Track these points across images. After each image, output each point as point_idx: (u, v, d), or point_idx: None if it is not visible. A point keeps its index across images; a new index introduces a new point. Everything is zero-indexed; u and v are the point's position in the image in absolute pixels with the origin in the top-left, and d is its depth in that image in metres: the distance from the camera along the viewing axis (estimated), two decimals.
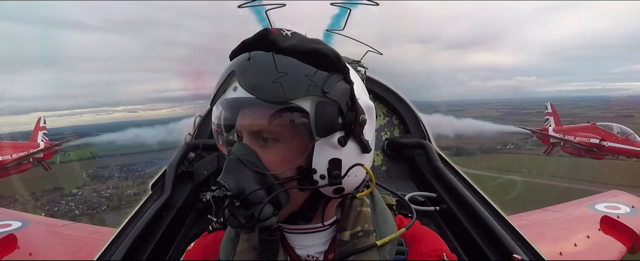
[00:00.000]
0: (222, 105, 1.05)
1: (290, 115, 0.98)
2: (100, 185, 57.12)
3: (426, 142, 3.21)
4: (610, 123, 35.82)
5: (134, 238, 2.13)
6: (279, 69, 0.96)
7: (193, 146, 3.16)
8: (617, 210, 6.18)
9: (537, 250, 1.96)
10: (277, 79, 0.95)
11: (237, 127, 1.04)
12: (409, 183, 3.18)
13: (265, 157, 1.00)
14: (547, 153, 43.94)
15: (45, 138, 39.77)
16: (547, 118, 42.57)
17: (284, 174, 1.00)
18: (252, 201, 0.95)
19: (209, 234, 1.27)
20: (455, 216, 2.44)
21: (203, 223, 2.80)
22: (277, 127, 0.99)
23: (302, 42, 1.01)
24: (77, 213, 48.04)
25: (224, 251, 1.11)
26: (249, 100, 0.97)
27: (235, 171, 0.98)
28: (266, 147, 1.01)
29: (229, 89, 1.01)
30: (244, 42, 1.05)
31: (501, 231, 2.08)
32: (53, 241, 5.38)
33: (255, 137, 1.01)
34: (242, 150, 1.01)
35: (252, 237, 1.09)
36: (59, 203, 50.83)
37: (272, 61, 0.97)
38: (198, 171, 2.99)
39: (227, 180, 0.96)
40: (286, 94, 0.95)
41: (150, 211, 2.40)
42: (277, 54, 0.98)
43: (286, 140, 1.00)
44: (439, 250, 1.14)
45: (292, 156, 1.00)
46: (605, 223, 5.67)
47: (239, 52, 1.04)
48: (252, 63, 1.00)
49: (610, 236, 5.47)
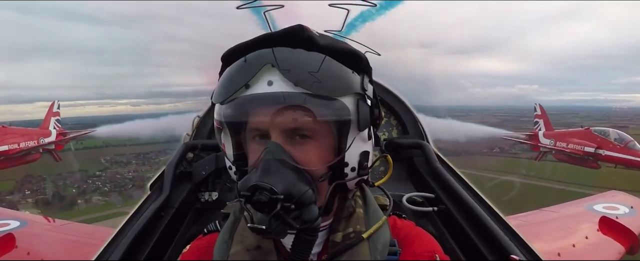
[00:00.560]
0: (248, 101, 0.99)
1: (337, 111, 0.99)
2: (121, 168, 60.84)
3: (424, 142, 3.21)
4: (606, 129, 32.44)
5: (132, 238, 2.13)
6: (324, 66, 0.99)
7: (191, 146, 3.16)
8: (616, 210, 6.19)
9: (535, 251, 1.96)
10: (326, 76, 0.98)
11: (267, 123, 0.99)
12: (407, 184, 3.18)
13: (299, 155, 0.98)
14: (538, 159, 40.33)
15: (57, 125, 36.49)
16: (536, 122, 39.11)
17: (318, 171, 1.00)
18: (305, 203, 0.93)
19: (204, 236, 1.27)
20: (453, 217, 2.44)
21: (201, 223, 2.80)
22: (316, 124, 0.99)
23: (335, 42, 1.04)
24: (106, 190, 52.44)
25: (218, 253, 1.11)
26: (293, 95, 0.96)
27: (278, 172, 0.93)
28: (299, 144, 0.99)
29: (259, 84, 0.97)
30: (269, 35, 1.02)
31: (499, 231, 2.07)
32: (51, 240, 5.37)
33: (288, 134, 0.98)
34: (277, 149, 0.97)
35: (245, 239, 1.09)
36: (86, 182, 55.27)
37: (317, 57, 0.99)
38: (196, 171, 2.99)
39: (273, 183, 0.90)
40: (335, 91, 0.99)
41: (149, 211, 2.39)
42: (314, 51, 1.00)
43: (318, 137, 1.00)
44: (432, 251, 1.15)
45: (324, 152, 1.01)
46: (603, 224, 5.68)
47: (259, 46, 1.01)
48: (295, 57, 0.99)
49: (608, 237, 5.47)
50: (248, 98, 0.98)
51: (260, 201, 0.88)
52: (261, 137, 1.01)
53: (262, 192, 0.88)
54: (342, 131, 1.01)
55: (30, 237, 5.26)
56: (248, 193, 0.90)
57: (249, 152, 1.04)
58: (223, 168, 3.02)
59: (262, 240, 1.09)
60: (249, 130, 1.03)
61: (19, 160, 33.35)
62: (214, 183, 3.06)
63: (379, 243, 1.08)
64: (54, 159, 37.35)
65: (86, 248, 4.74)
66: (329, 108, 0.98)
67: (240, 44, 1.05)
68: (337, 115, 0.99)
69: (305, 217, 0.93)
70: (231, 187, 3.18)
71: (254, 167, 0.97)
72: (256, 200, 0.88)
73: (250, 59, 1.00)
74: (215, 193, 3.03)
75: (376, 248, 1.07)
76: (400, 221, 1.25)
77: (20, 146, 31.70)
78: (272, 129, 0.98)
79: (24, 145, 32.18)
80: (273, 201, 0.88)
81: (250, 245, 1.08)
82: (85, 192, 52.75)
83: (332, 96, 0.98)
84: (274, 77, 0.96)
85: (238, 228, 1.13)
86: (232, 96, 0.99)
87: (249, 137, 1.03)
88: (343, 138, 1.01)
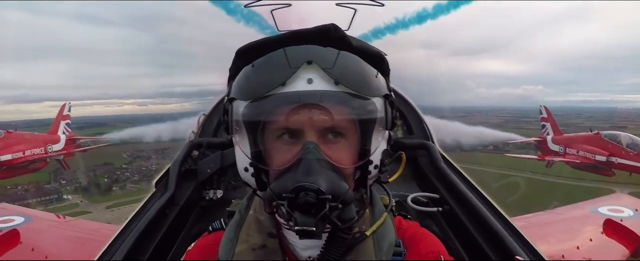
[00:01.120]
0: (287, 99, 0.96)
1: (371, 111, 1.00)
2: (144, 162, 63.44)
3: (429, 143, 3.20)
4: (617, 133, 29.99)
5: (137, 235, 2.14)
6: (362, 67, 1.01)
7: (197, 144, 3.17)
8: (621, 213, 6.15)
9: (539, 252, 1.96)
10: (363, 76, 1.00)
11: (304, 122, 0.97)
12: (412, 184, 3.18)
13: (333, 154, 0.97)
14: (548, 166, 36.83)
15: (67, 130, 33.48)
16: (543, 125, 36.38)
17: (349, 169, 1.01)
18: (348, 202, 0.93)
19: (209, 234, 1.27)
20: (457, 217, 2.43)
21: (206, 221, 2.81)
22: (351, 123, 0.99)
23: (364, 43, 1.05)
24: (136, 179, 56.06)
25: (223, 252, 1.11)
26: (335, 94, 0.96)
27: (320, 172, 0.92)
28: (332, 143, 0.98)
29: (297, 81, 0.96)
30: (302, 32, 1.02)
31: (504, 232, 2.07)
32: (56, 237, 5.40)
33: (321, 132, 0.97)
34: (316, 148, 0.95)
35: (250, 238, 1.09)
36: (115, 174, 59.85)
37: (354, 58, 1.01)
38: (201, 169, 3.00)
39: (319, 183, 0.88)
40: (372, 91, 1.00)
41: (154, 209, 2.40)
42: (345, 51, 1.00)
43: (349, 135, 1.00)
44: (436, 252, 1.14)
45: (353, 151, 1.01)
46: (608, 226, 5.65)
47: (290, 43, 1.00)
48: (335, 56, 0.98)
49: (613, 240, 5.44)
50: (286, 96, 0.95)
51: (309, 203, 0.86)
52: (290, 135, 0.98)
53: (308, 193, 0.86)
54: (372, 130, 1.01)
55: (35, 233, 5.28)
56: (292, 194, 0.88)
57: (273, 151, 1.00)
58: (228, 167, 3.03)
59: (268, 239, 1.09)
60: (274, 128, 0.99)
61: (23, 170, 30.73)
62: (218, 181, 3.07)
63: (384, 243, 1.07)
64: (62, 167, 35.23)
65: (91, 244, 4.76)
66: (365, 108, 0.98)
67: (266, 39, 1.04)
68: (371, 115, 0.99)
69: (346, 216, 0.94)
70: (236, 185, 3.19)
71: (288, 168, 0.95)
72: (304, 202, 0.86)
73: (285, 55, 0.98)
74: (220, 191, 3.04)
75: (381, 248, 1.06)
76: (406, 222, 1.25)
77: (25, 155, 29.10)
78: (308, 128, 0.96)
79: (30, 152, 29.48)
80: (321, 202, 0.87)
81: (256, 244, 1.08)
82: (117, 180, 57.41)
83: (369, 96, 0.99)
84: (313, 75, 0.95)
85: (243, 227, 1.13)
86: (270, 93, 0.96)
87: (273, 135, 1.00)
88: (371, 137, 1.02)
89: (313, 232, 0.87)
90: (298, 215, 0.88)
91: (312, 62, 0.96)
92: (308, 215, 0.87)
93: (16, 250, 4.78)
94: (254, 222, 1.13)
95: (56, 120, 33.60)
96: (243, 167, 1.05)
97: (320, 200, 0.86)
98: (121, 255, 1.98)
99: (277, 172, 0.97)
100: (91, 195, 51.60)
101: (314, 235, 0.88)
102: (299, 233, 0.88)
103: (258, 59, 1.01)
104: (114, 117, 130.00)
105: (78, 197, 51.10)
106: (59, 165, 34.35)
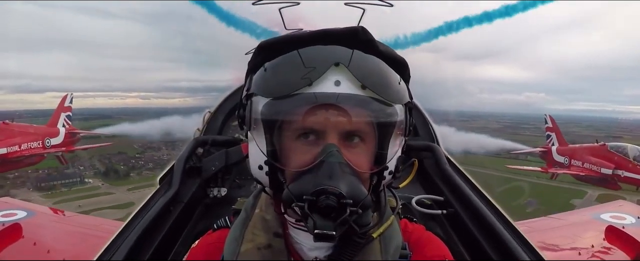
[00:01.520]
0: (313, 99, 0.94)
1: (394, 117, 1.00)
2: (155, 152, 65.77)
3: (435, 145, 3.20)
4: (624, 145, 28.68)
5: (141, 232, 2.14)
6: (389, 72, 1.01)
7: (202, 141, 3.18)
8: (623, 220, 6.13)
9: (542, 256, 1.96)
10: (390, 81, 1.00)
11: (327, 124, 0.96)
12: (416, 186, 3.18)
13: (353, 158, 0.97)
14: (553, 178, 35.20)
15: (67, 123, 31.91)
16: (548, 135, 35.34)
17: (367, 174, 1.01)
18: (367, 206, 0.93)
19: (214, 232, 1.27)
20: (461, 220, 2.43)
21: (210, 218, 2.81)
22: (372, 127, 0.99)
23: (389, 48, 1.05)
24: (150, 167, 58.34)
25: (228, 251, 1.10)
26: (362, 98, 0.95)
27: (342, 176, 0.91)
28: (352, 147, 0.98)
29: (325, 82, 0.94)
30: (330, 32, 1.00)
31: (507, 236, 2.07)
32: (58, 232, 5.40)
33: (343, 135, 0.97)
34: (338, 152, 0.94)
35: (256, 237, 1.09)
36: (130, 162, 63.52)
37: (381, 63, 1.01)
38: (206, 166, 3.00)
39: (341, 187, 0.88)
40: (396, 98, 1.00)
41: (158, 205, 2.41)
42: (371, 55, 1.00)
43: (368, 140, 1.00)
44: (442, 256, 1.16)
45: (371, 156, 1.01)
46: (610, 233, 5.63)
47: (317, 42, 1.00)
48: (364, 59, 0.98)
49: (614, 246, 5.43)
50: (313, 96, 0.94)
51: (330, 206, 0.86)
52: (309, 135, 0.97)
53: (329, 196, 0.86)
54: (391, 136, 1.02)
55: (37, 228, 5.27)
56: (313, 197, 0.87)
57: (291, 151, 0.99)
58: (232, 165, 3.04)
59: (273, 239, 1.09)
60: (294, 128, 0.98)
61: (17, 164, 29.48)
62: (223, 179, 3.08)
63: (390, 246, 1.08)
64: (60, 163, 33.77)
65: (94, 240, 4.75)
66: (388, 114, 0.99)
67: (291, 36, 1.03)
68: (394, 121, 1.00)
69: (363, 221, 0.95)
70: (240, 184, 3.19)
71: (310, 169, 0.94)
72: (325, 205, 0.85)
73: (313, 54, 0.97)
74: (224, 189, 3.04)
75: (388, 250, 1.07)
76: (412, 225, 1.26)
77: (21, 148, 27.71)
78: (330, 130, 0.95)
79: (26, 146, 27.98)
80: (342, 206, 0.86)
81: (261, 244, 1.08)
82: (134, 167, 61.34)
83: (393, 102, 0.99)
84: (341, 77, 0.95)
85: (249, 226, 1.13)
86: (297, 92, 0.94)
87: (292, 135, 0.99)
88: (389, 143, 1.02)
89: (332, 236, 0.86)
90: (317, 218, 0.87)
91: (340, 64, 0.95)
92: (328, 218, 0.86)
93: (18, 243, 4.78)
94: (259, 221, 1.13)
95: (56, 112, 32.22)
96: (257, 164, 1.04)
97: (341, 204, 0.86)
98: (125, 251, 1.99)
99: (295, 173, 0.96)
100: (110, 180, 54.73)
101: (331, 239, 0.87)
102: (316, 236, 0.87)
103: (283, 56, 1.00)
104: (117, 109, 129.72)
105: (99, 181, 53.87)
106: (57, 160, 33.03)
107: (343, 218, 0.87)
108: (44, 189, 48.84)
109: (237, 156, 2.97)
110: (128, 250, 2.01)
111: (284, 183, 0.98)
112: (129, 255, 1.99)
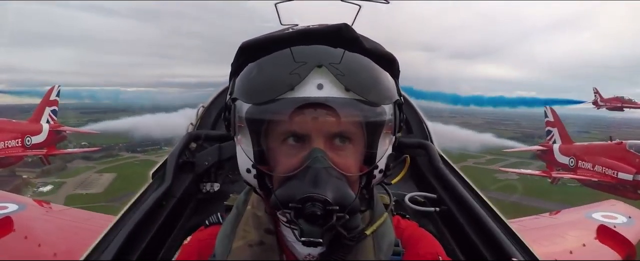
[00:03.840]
0: (295, 105, 0.92)
1: (381, 117, 0.97)
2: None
3: (428, 142, 3.20)
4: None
5: (133, 226, 2.13)
6: (374, 72, 0.98)
7: (195, 136, 3.16)
8: (614, 219, 6.21)
9: (535, 254, 1.97)
10: (375, 82, 0.97)
11: (312, 129, 0.93)
12: (410, 184, 3.18)
13: (340, 160, 0.95)
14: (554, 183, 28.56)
15: (53, 118, 27.94)
16: (549, 131, 29.57)
17: (355, 176, 0.99)
18: (355, 211, 0.92)
19: (206, 229, 1.26)
20: (454, 218, 2.43)
21: (202, 214, 2.80)
22: (360, 129, 0.97)
23: (376, 44, 1.02)
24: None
25: (220, 247, 1.10)
26: (346, 102, 0.92)
27: (328, 182, 0.89)
28: (339, 149, 0.96)
29: (307, 87, 0.92)
30: (311, 31, 0.97)
31: (500, 234, 2.07)
32: (49, 225, 5.37)
33: (329, 138, 0.95)
34: (324, 156, 0.92)
35: (248, 234, 1.08)
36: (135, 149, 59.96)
37: (366, 62, 0.98)
38: (199, 161, 2.98)
39: (326, 194, 0.86)
40: (383, 98, 0.97)
41: (150, 200, 2.39)
42: (356, 53, 0.97)
43: (356, 141, 0.98)
44: (435, 253, 1.15)
45: (360, 156, 0.99)
46: (601, 232, 5.69)
47: (299, 42, 0.96)
48: (347, 60, 0.94)
49: (605, 245, 5.49)
50: (295, 103, 0.91)
51: (315, 214, 0.84)
52: (296, 139, 0.95)
53: (315, 204, 0.85)
54: (379, 136, 0.99)
55: (28, 221, 5.24)
56: (299, 205, 0.86)
57: (277, 155, 0.97)
58: (226, 160, 3.02)
59: (265, 236, 1.08)
60: (279, 132, 0.96)
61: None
62: (216, 175, 3.06)
63: (383, 243, 1.07)
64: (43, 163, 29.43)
65: (85, 233, 4.72)
66: (376, 114, 0.96)
67: (272, 36, 1.00)
68: (380, 121, 0.97)
69: (352, 225, 0.94)
70: (233, 179, 3.18)
71: (295, 174, 0.92)
72: (311, 213, 0.84)
73: (294, 57, 0.94)
74: (217, 184, 3.03)
75: (381, 248, 1.06)
76: (404, 222, 1.26)
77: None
78: (315, 134, 0.93)
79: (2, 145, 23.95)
80: (329, 214, 0.85)
81: (253, 241, 1.07)
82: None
83: (380, 103, 0.96)
84: (323, 80, 0.92)
85: (241, 223, 1.12)
86: (277, 98, 0.92)
87: (278, 139, 0.97)
88: (379, 143, 1.00)
89: (320, 243, 0.86)
90: (304, 225, 0.86)
91: (323, 66, 0.92)
92: (314, 225, 0.85)
93: (9, 237, 4.75)
94: (251, 218, 1.12)
95: (40, 106, 28.13)
96: (245, 168, 1.02)
97: (328, 211, 0.85)
98: (117, 244, 1.97)
99: (282, 178, 0.95)
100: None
101: (319, 245, 0.87)
102: (305, 243, 0.87)
103: (264, 58, 0.97)
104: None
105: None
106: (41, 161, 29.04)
107: (330, 224, 0.86)
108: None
109: (231, 151, 2.95)
110: (121, 243, 1.99)
111: (272, 189, 0.97)
112: (122, 248, 1.97)
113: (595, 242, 5.56)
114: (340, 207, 0.87)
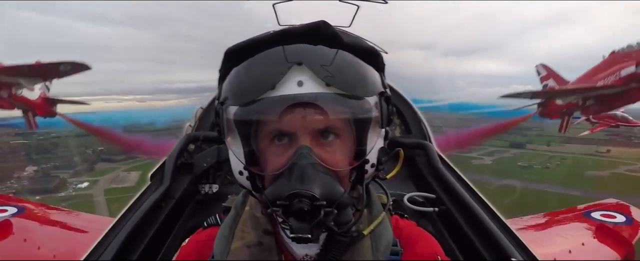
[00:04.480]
0: (277, 104, 0.93)
1: (366, 110, 0.98)
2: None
3: (427, 142, 3.21)
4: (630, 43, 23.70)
5: (132, 227, 2.13)
6: (354, 66, 0.99)
7: (193, 138, 3.16)
8: (613, 218, 6.19)
9: (533, 254, 1.97)
10: (356, 75, 0.97)
11: (296, 126, 0.95)
12: (409, 184, 3.18)
13: (328, 156, 0.96)
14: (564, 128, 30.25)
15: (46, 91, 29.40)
16: (545, 85, 31.27)
17: (345, 171, 0.99)
18: (344, 205, 0.92)
19: (204, 230, 1.26)
20: (453, 218, 2.44)
21: (201, 215, 2.80)
22: (345, 123, 0.97)
23: (357, 39, 1.02)
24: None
25: (218, 248, 1.10)
26: (326, 97, 0.93)
27: (314, 177, 0.90)
28: (326, 145, 0.97)
29: (287, 84, 0.93)
30: (290, 31, 0.98)
31: (499, 233, 2.08)
32: (49, 228, 5.36)
33: (315, 134, 0.96)
34: (309, 152, 0.93)
35: (246, 235, 1.09)
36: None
37: (346, 56, 0.98)
38: (198, 163, 2.99)
39: (313, 189, 0.88)
40: (366, 91, 0.98)
41: (149, 202, 2.39)
42: (338, 48, 0.98)
43: (344, 136, 0.99)
44: (434, 252, 1.15)
45: (348, 151, 1.00)
46: (600, 231, 5.68)
47: (279, 42, 0.97)
48: (325, 56, 0.96)
49: (604, 245, 5.47)
50: (277, 101, 0.93)
51: (303, 210, 0.85)
52: (282, 138, 0.97)
53: (302, 200, 0.86)
54: (367, 130, 1.00)
55: (28, 224, 5.23)
56: (286, 202, 0.87)
57: (266, 155, 0.99)
58: (224, 161, 3.03)
59: (263, 236, 1.09)
60: (266, 132, 0.98)
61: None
62: (214, 176, 3.07)
63: (381, 243, 1.08)
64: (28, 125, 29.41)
65: (85, 236, 4.72)
66: (359, 108, 0.97)
67: (254, 39, 1.01)
68: (366, 115, 0.98)
69: (342, 220, 0.93)
70: (232, 180, 3.18)
71: (282, 172, 0.93)
72: (298, 209, 0.85)
73: (274, 57, 0.95)
74: (215, 185, 3.03)
75: (378, 247, 1.07)
76: (403, 221, 1.26)
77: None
78: (301, 131, 0.95)
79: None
80: (316, 209, 0.86)
81: (251, 242, 1.08)
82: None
83: (363, 96, 0.97)
84: (303, 77, 0.93)
85: (239, 224, 1.13)
86: (260, 98, 0.94)
87: (266, 139, 0.99)
88: (367, 136, 1.00)
89: (310, 239, 0.87)
90: (293, 222, 0.87)
91: (302, 64, 0.93)
92: (303, 221, 0.86)
93: (8, 240, 4.73)
94: (249, 219, 1.13)
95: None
96: (237, 170, 1.04)
97: (315, 207, 0.86)
98: (116, 246, 1.98)
99: (272, 176, 0.96)
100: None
101: (309, 241, 0.88)
102: (294, 240, 0.88)
103: (246, 61, 0.99)
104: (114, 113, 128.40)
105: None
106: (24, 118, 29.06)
107: (318, 219, 0.87)
108: None
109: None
110: (119, 245, 2.00)
111: (262, 188, 0.98)
112: (121, 250, 1.98)
113: (594, 241, 5.54)
114: (328, 202, 0.88)
